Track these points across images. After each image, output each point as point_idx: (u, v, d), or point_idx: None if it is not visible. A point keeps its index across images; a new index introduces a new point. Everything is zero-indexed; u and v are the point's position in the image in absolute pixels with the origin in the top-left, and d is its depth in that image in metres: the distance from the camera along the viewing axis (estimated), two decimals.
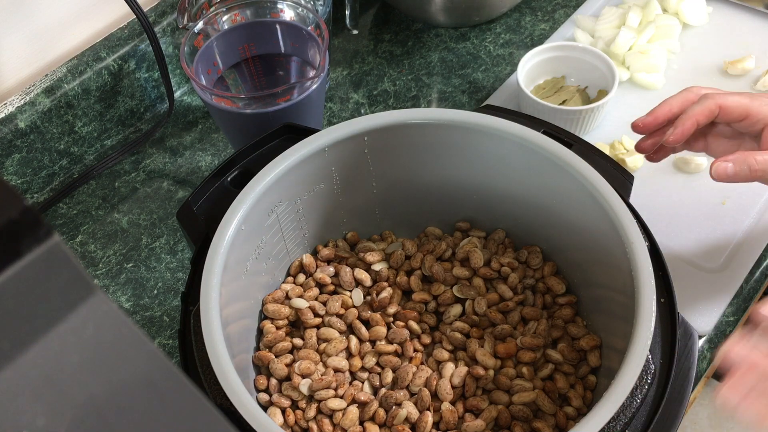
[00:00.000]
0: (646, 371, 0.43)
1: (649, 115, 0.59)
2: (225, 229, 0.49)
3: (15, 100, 0.71)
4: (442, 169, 0.58)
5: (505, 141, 0.54)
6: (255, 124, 0.65)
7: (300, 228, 0.58)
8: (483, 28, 0.90)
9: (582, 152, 0.52)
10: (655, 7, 0.84)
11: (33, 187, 0.76)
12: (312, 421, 0.51)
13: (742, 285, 0.65)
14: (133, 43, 0.77)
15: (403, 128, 0.55)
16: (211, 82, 0.69)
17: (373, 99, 0.83)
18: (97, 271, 0.71)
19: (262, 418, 0.41)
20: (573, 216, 0.53)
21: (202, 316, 0.45)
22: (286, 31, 0.70)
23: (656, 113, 0.59)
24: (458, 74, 0.85)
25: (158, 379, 0.19)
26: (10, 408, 0.17)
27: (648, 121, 0.59)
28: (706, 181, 0.72)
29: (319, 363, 0.53)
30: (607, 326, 0.52)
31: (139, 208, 0.75)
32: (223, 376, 0.43)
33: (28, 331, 0.17)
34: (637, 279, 0.45)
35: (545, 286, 0.57)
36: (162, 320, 0.67)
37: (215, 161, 0.79)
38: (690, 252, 0.67)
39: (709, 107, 0.56)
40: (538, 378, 0.52)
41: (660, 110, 0.59)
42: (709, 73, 0.81)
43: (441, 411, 0.51)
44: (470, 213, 0.61)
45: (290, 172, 0.53)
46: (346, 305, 0.57)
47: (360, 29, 0.91)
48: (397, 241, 0.61)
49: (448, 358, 0.54)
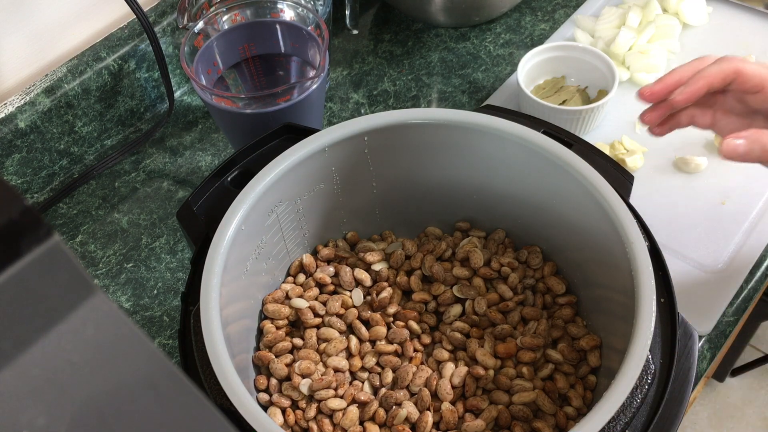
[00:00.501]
0: (646, 371, 0.43)
1: (658, 83, 0.55)
2: (225, 229, 0.49)
3: (15, 100, 0.71)
4: (442, 169, 0.58)
5: (505, 141, 0.54)
6: (255, 124, 0.65)
7: (300, 228, 0.58)
8: (483, 28, 0.90)
9: (582, 152, 0.52)
10: (655, 7, 0.84)
11: (33, 187, 0.76)
12: (312, 421, 0.51)
13: (742, 285, 0.65)
14: (133, 43, 0.77)
15: (403, 128, 0.55)
16: (211, 82, 0.69)
17: (373, 99, 0.83)
18: (97, 271, 0.71)
19: (262, 418, 0.41)
20: (573, 216, 0.53)
21: (202, 316, 0.45)
22: (286, 31, 0.70)
23: (665, 80, 0.54)
24: (458, 74, 0.85)
25: (158, 379, 0.19)
26: (10, 408, 0.17)
27: (656, 89, 0.55)
28: (706, 181, 0.72)
29: (319, 363, 0.53)
30: (607, 326, 0.52)
31: (139, 208, 0.75)
32: (223, 376, 0.43)
33: (28, 331, 0.17)
34: (637, 279, 0.45)
35: (545, 286, 0.57)
36: (162, 320, 0.67)
37: (215, 161, 0.79)
38: (690, 252, 0.67)
39: (725, 70, 0.52)
40: (538, 378, 0.52)
41: (670, 77, 0.54)
42: None
43: (441, 411, 0.51)
44: (470, 213, 0.61)
45: (290, 172, 0.53)
46: (346, 305, 0.57)
47: (360, 29, 0.91)
48: (397, 241, 0.61)
49: (448, 358, 0.54)
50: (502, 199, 0.58)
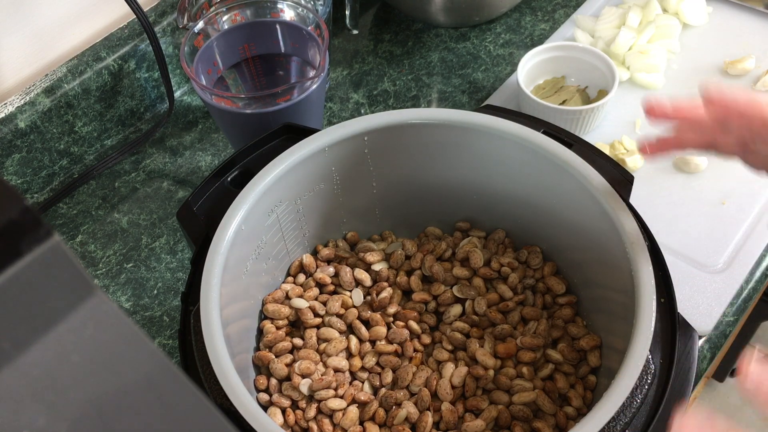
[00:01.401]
0: (646, 371, 0.43)
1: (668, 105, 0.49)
2: (225, 229, 0.49)
3: (15, 100, 0.71)
4: (442, 169, 0.58)
5: (505, 141, 0.54)
6: (255, 124, 0.65)
7: (300, 228, 0.58)
8: (483, 28, 0.90)
9: (582, 152, 0.52)
10: (655, 7, 0.84)
11: (33, 187, 0.76)
12: (312, 421, 0.51)
13: (742, 285, 0.65)
14: (133, 43, 0.77)
15: (403, 128, 0.55)
16: (211, 82, 0.69)
17: (373, 99, 0.83)
18: (97, 271, 0.71)
19: (262, 418, 0.41)
20: (573, 216, 0.53)
21: (202, 316, 0.45)
22: (286, 31, 0.70)
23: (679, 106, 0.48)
24: (458, 74, 0.85)
25: (158, 379, 0.19)
26: (10, 408, 0.17)
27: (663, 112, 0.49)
28: (706, 181, 0.72)
29: (319, 363, 0.53)
30: (607, 326, 0.52)
31: (139, 208, 0.75)
32: (223, 376, 0.43)
33: (29, 331, 0.17)
34: (637, 279, 0.45)
35: (545, 286, 0.57)
36: (162, 320, 0.67)
37: (215, 161, 0.79)
38: (690, 252, 0.67)
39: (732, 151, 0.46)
40: (538, 378, 0.52)
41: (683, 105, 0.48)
42: (709, 73, 0.81)
43: (441, 411, 0.51)
44: (470, 213, 0.61)
45: (290, 172, 0.53)
46: (346, 305, 0.57)
47: (360, 29, 0.91)
48: (397, 241, 0.61)
49: (448, 358, 0.54)
50: (502, 199, 0.58)
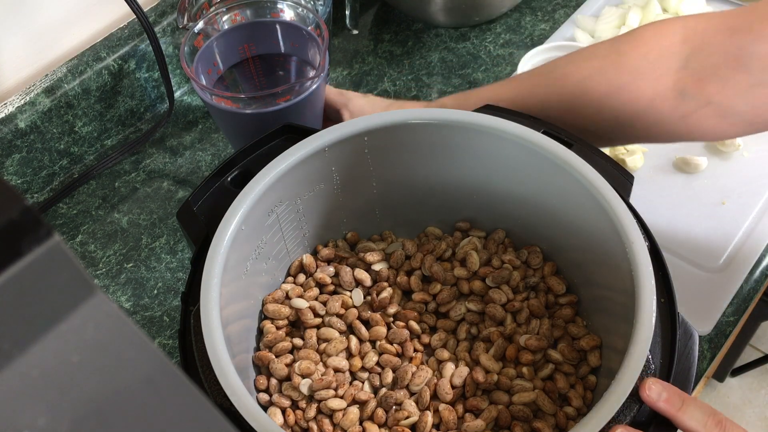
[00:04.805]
0: (646, 371, 0.43)
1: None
2: (225, 229, 0.49)
3: (15, 100, 0.71)
4: (442, 169, 0.58)
5: (505, 141, 0.54)
6: (255, 124, 0.65)
7: (300, 228, 0.58)
8: (483, 28, 0.90)
9: (582, 152, 0.52)
10: (655, 7, 0.84)
11: (33, 187, 0.76)
12: (312, 421, 0.51)
13: (742, 285, 0.65)
14: (133, 43, 0.77)
15: (403, 128, 0.55)
16: (211, 82, 0.69)
17: None
18: (97, 271, 0.71)
19: (262, 418, 0.41)
20: (573, 216, 0.53)
21: (202, 316, 0.45)
22: (286, 31, 0.70)
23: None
24: (458, 74, 0.85)
25: (158, 379, 0.19)
26: (10, 408, 0.17)
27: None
28: (706, 181, 0.72)
29: (319, 363, 0.53)
30: (607, 326, 0.52)
31: (139, 208, 0.75)
32: (223, 376, 0.43)
33: (28, 331, 0.17)
34: (637, 279, 0.45)
35: (545, 286, 0.57)
36: (162, 320, 0.67)
37: (215, 161, 0.79)
38: (690, 252, 0.67)
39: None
40: (538, 378, 0.52)
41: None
42: None
43: (441, 411, 0.51)
44: (470, 213, 0.61)
45: (290, 172, 0.53)
46: (346, 305, 0.57)
47: (360, 29, 0.91)
48: (397, 241, 0.61)
49: (448, 358, 0.54)
50: (502, 199, 0.58)
